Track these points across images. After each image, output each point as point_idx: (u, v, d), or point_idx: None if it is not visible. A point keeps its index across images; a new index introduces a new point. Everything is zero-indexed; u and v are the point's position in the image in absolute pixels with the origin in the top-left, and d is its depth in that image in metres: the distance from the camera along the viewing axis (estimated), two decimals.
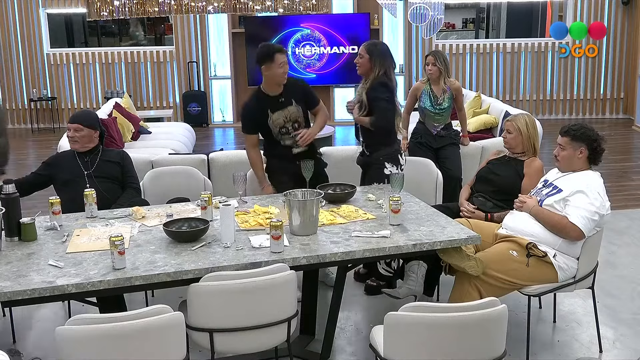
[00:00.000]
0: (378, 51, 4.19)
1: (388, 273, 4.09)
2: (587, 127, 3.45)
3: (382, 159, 4.21)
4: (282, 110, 4.21)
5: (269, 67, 4.21)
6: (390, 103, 4.16)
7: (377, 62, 4.16)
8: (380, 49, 4.23)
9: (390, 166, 4.19)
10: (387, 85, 4.16)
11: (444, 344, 2.44)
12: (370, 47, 4.23)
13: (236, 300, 2.70)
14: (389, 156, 4.22)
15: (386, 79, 4.16)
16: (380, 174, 4.20)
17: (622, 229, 5.41)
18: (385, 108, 4.14)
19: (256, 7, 6.66)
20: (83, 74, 10.95)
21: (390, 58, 4.23)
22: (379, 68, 4.16)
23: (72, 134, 4.03)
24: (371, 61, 4.18)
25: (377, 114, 4.14)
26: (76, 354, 2.33)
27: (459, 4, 14.54)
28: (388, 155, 4.22)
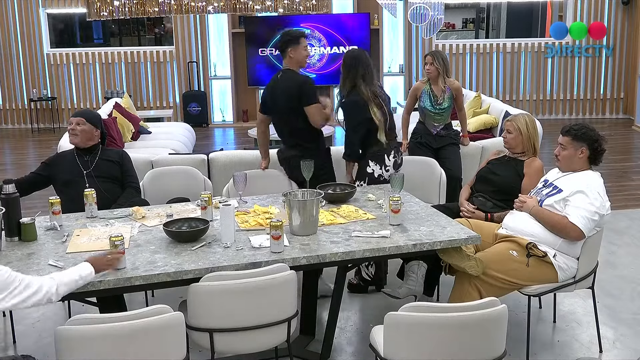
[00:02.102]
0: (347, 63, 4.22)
1: (367, 277, 4.17)
2: (588, 127, 3.45)
3: (367, 157, 4.25)
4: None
5: (295, 49, 4.25)
6: (349, 125, 4.22)
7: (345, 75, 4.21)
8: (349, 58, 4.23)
9: (374, 164, 4.23)
10: (349, 108, 4.19)
11: (444, 344, 2.44)
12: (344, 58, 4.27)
13: (236, 300, 2.70)
14: (373, 155, 4.24)
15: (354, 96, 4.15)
16: (362, 171, 4.27)
17: (622, 229, 5.41)
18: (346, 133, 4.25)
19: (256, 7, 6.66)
20: (83, 74, 10.96)
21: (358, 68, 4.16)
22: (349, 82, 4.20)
23: (74, 126, 4.03)
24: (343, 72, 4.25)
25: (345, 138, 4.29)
26: (76, 354, 2.33)
27: (459, 4, 14.54)
28: (372, 154, 4.24)
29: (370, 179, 4.23)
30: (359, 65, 4.19)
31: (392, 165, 4.27)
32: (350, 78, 4.19)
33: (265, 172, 4.51)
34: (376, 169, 4.23)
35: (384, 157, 4.24)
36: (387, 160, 4.25)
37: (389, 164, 4.26)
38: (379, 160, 4.24)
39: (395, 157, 4.31)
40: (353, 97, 4.18)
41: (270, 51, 10.62)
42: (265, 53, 10.63)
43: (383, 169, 4.24)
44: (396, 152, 4.33)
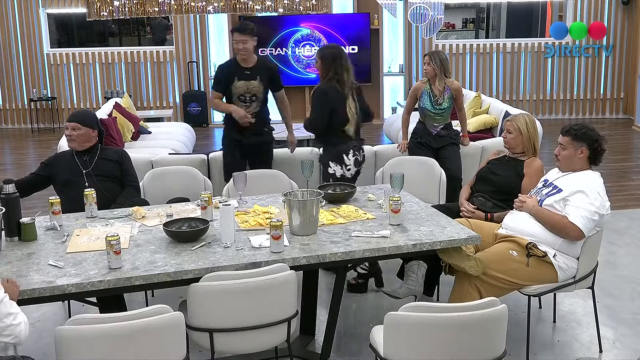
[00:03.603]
0: (327, 56, 4.44)
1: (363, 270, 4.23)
2: (588, 127, 3.46)
3: (327, 159, 4.51)
4: (245, 82, 4.79)
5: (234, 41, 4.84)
6: (316, 111, 4.44)
7: (326, 67, 4.42)
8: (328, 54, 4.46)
9: (334, 165, 4.43)
10: (323, 92, 4.40)
11: (444, 344, 2.44)
12: (320, 53, 4.51)
13: (236, 300, 2.70)
14: (333, 155, 4.47)
15: (333, 83, 4.38)
16: (324, 172, 4.55)
17: (622, 229, 5.41)
18: (311, 115, 4.50)
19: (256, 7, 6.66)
20: (83, 74, 10.95)
21: (340, 62, 4.40)
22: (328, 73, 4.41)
23: (70, 132, 4.03)
24: (321, 65, 4.46)
25: (306, 118, 4.63)
26: (76, 354, 2.33)
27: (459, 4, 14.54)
28: (332, 155, 4.47)
29: (334, 179, 4.42)
30: (344, 57, 4.43)
31: (352, 163, 4.46)
32: (334, 68, 4.39)
33: (265, 172, 4.53)
34: (337, 170, 4.45)
35: (342, 156, 4.43)
36: (347, 159, 4.43)
37: (349, 163, 4.44)
38: (339, 161, 4.43)
39: (355, 155, 4.48)
40: (331, 85, 4.39)
41: (271, 51, 10.62)
42: (265, 53, 10.62)
43: (344, 169, 4.43)
44: (356, 150, 4.50)
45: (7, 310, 2.37)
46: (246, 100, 4.81)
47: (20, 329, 2.39)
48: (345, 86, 4.39)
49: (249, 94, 4.80)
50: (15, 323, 2.38)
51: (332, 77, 4.40)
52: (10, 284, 2.54)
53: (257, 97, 4.82)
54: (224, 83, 4.85)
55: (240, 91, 4.79)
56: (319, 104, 4.44)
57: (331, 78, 4.40)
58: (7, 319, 2.36)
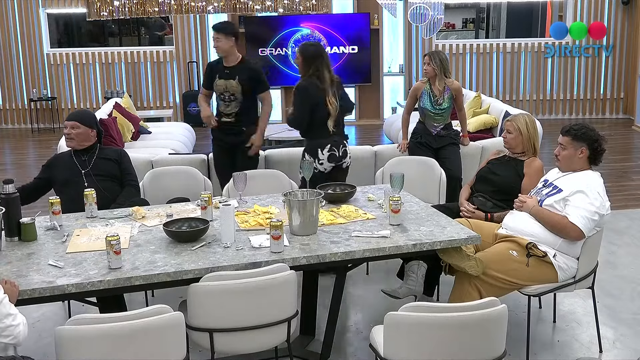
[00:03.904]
0: (308, 54, 4.54)
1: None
2: (588, 127, 3.46)
3: (304, 151, 4.63)
4: (224, 81, 4.85)
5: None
6: (298, 107, 4.53)
7: (307, 64, 4.52)
8: (310, 51, 4.56)
9: (308, 157, 4.52)
10: (304, 88, 4.49)
11: (444, 344, 2.44)
12: (301, 48, 4.61)
13: (236, 300, 2.70)
14: (308, 148, 4.60)
15: (314, 80, 4.49)
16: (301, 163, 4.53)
17: (622, 229, 5.41)
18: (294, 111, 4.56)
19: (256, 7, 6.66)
20: (83, 74, 10.95)
21: (321, 60, 4.52)
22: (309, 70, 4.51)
23: (69, 131, 4.03)
24: (303, 62, 4.54)
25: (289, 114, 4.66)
26: (76, 354, 2.33)
27: (459, 4, 14.54)
28: (308, 147, 4.60)
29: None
30: (324, 55, 4.57)
31: (326, 158, 4.53)
32: (315, 65, 4.49)
33: (265, 172, 4.53)
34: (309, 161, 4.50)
35: (317, 150, 4.52)
36: (321, 153, 4.52)
37: (322, 157, 4.52)
38: (313, 154, 4.52)
39: (331, 150, 4.54)
40: (312, 81, 4.49)
41: (270, 51, 10.62)
42: (265, 53, 10.63)
43: (317, 163, 4.50)
44: (334, 145, 4.55)
45: (7, 311, 2.37)
46: (225, 99, 4.88)
47: (19, 330, 2.39)
48: (325, 82, 4.50)
49: (227, 93, 4.86)
50: (15, 324, 2.38)
51: (313, 73, 4.50)
52: (10, 285, 2.54)
53: (235, 97, 4.84)
54: (209, 80, 4.98)
55: (220, 89, 4.90)
56: (300, 100, 4.53)
57: (312, 74, 4.51)
58: (6, 319, 2.36)
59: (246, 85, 4.83)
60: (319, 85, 4.50)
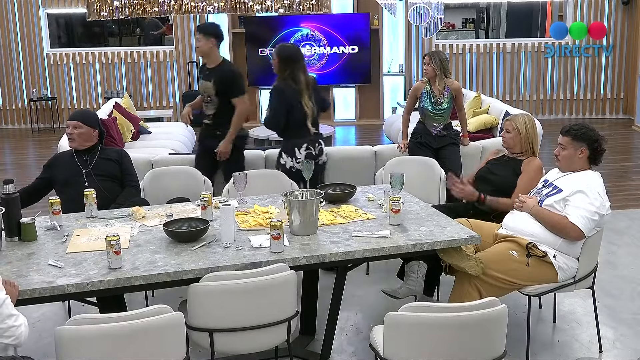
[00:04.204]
0: (284, 55, 4.62)
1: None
2: (588, 127, 3.46)
3: (281, 150, 4.73)
4: (204, 82, 4.93)
5: None
6: (273, 107, 4.59)
7: (282, 66, 4.58)
8: (287, 53, 4.65)
9: (286, 156, 4.63)
10: (280, 91, 4.56)
11: (444, 344, 2.44)
12: (278, 50, 4.68)
13: (236, 300, 2.70)
14: (286, 147, 4.67)
15: (290, 82, 4.56)
16: (276, 162, 4.73)
17: (622, 229, 5.41)
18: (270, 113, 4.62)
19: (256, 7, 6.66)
20: (83, 74, 10.95)
21: (297, 62, 4.59)
22: (285, 71, 4.57)
23: (71, 130, 4.03)
24: (279, 63, 4.60)
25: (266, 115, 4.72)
26: (76, 354, 2.33)
27: (459, 4, 14.53)
28: (285, 147, 4.68)
29: (283, 170, 4.58)
30: (299, 56, 4.66)
31: (303, 157, 4.61)
32: (291, 67, 4.56)
33: (265, 172, 4.53)
34: (287, 161, 4.64)
35: (294, 149, 4.62)
36: (298, 152, 4.62)
37: (299, 156, 4.61)
38: (290, 153, 4.63)
39: (308, 149, 4.64)
40: (287, 83, 4.56)
41: (270, 51, 10.61)
42: (265, 53, 10.63)
43: (294, 161, 4.60)
44: (311, 144, 4.65)
45: (9, 311, 2.37)
46: (205, 100, 4.93)
47: (21, 331, 2.39)
48: (301, 83, 4.57)
49: (206, 94, 4.91)
50: (17, 324, 2.38)
51: (288, 75, 4.56)
52: (10, 285, 2.54)
53: (211, 99, 4.87)
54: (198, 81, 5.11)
55: (201, 90, 4.99)
56: (276, 101, 4.58)
57: (287, 76, 4.56)
58: (9, 320, 2.36)
59: (220, 88, 4.80)
60: (294, 86, 4.56)
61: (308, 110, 4.61)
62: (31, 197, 4.00)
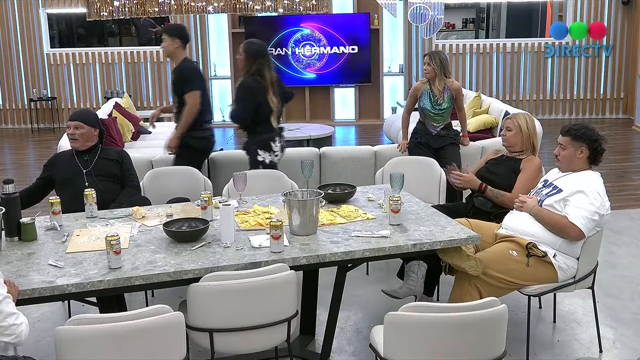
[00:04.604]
0: (250, 51, 4.71)
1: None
2: (588, 127, 3.46)
3: (255, 147, 4.72)
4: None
5: None
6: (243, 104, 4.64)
7: (249, 62, 4.67)
8: (254, 49, 4.73)
9: (263, 152, 4.68)
10: (249, 87, 4.62)
11: (444, 344, 2.44)
12: (246, 46, 4.77)
13: (236, 300, 2.70)
14: (260, 144, 4.71)
15: (257, 78, 4.64)
16: (253, 160, 4.75)
17: (622, 229, 5.41)
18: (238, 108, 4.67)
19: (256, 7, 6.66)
20: (83, 74, 10.96)
21: (263, 58, 4.69)
22: (251, 67, 4.66)
23: (72, 131, 4.03)
24: (246, 59, 4.69)
25: (232, 110, 4.74)
26: (76, 354, 2.33)
27: (459, 4, 14.54)
28: (259, 143, 4.71)
29: (263, 166, 4.68)
30: (265, 52, 4.75)
31: (279, 149, 4.76)
32: (258, 63, 4.64)
33: (265, 172, 4.53)
34: (266, 157, 4.70)
35: (269, 144, 4.70)
36: (274, 146, 4.72)
37: (276, 149, 4.74)
38: (267, 148, 4.69)
39: (280, 142, 4.79)
40: (256, 79, 4.63)
41: (270, 51, 10.61)
42: None
43: (272, 155, 4.71)
44: (279, 137, 4.78)
45: (10, 310, 2.38)
46: (173, 100, 4.98)
47: (21, 329, 2.40)
48: (266, 80, 4.66)
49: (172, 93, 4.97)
50: (18, 323, 2.39)
51: (255, 71, 4.64)
52: (10, 286, 2.54)
53: (174, 98, 4.93)
54: None
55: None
56: (245, 97, 4.64)
57: (254, 72, 4.64)
58: (10, 318, 2.36)
59: (176, 86, 4.86)
60: (261, 82, 4.64)
61: (273, 106, 4.70)
62: (31, 197, 4.00)
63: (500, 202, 3.83)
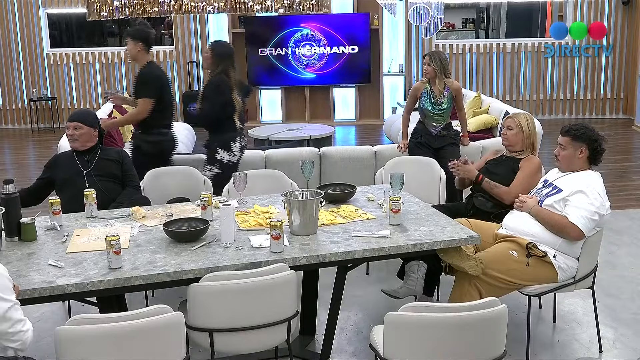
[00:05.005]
0: (218, 52, 4.80)
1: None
2: (587, 127, 3.46)
3: (215, 145, 4.80)
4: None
5: None
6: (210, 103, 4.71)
7: (216, 61, 4.75)
8: (221, 50, 4.84)
9: (222, 151, 4.77)
10: (217, 86, 4.71)
11: (444, 344, 2.44)
12: (213, 46, 4.89)
13: (236, 300, 2.70)
14: (221, 142, 4.79)
15: (224, 77, 4.72)
16: (211, 158, 4.84)
17: (622, 229, 5.41)
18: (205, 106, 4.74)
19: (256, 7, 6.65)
20: (83, 74, 10.96)
21: (229, 59, 4.79)
22: (217, 67, 4.74)
23: (72, 132, 4.03)
24: (213, 58, 4.77)
25: (199, 109, 4.81)
26: (76, 354, 2.33)
27: (459, 4, 14.54)
28: (220, 142, 4.79)
29: (221, 164, 4.76)
30: (231, 54, 4.86)
31: (238, 149, 4.83)
32: (224, 64, 4.73)
33: (265, 172, 4.54)
34: (225, 156, 4.78)
35: (230, 143, 4.78)
36: (234, 146, 4.80)
37: (235, 150, 4.81)
38: (226, 147, 4.78)
39: (240, 142, 4.87)
40: (223, 78, 4.72)
41: (270, 51, 10.62)
42: (265, 53, 10.63)
43: (231, 155, 4.79)
44: (240, 137, 4.87)
45: (19, 316, 2.37)
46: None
47: (27, 336, 2.40)
48: (232, 80, 4.75)
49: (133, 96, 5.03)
50: (25, 329, 2.38)
51: (221, 71, 4.73)
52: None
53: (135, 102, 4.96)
54: None
55: None
56: (213, 96, 4.71)
57: (220, 72, 4.73)
58: (18, 324, 2.36)
59: (135, 89, 4.96)
60: (227, 82, 4.74)
61: (237, 104, 4.78)
62: (32, 197, 4.00)
63: (495, 194, 3.84)
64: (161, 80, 4.96)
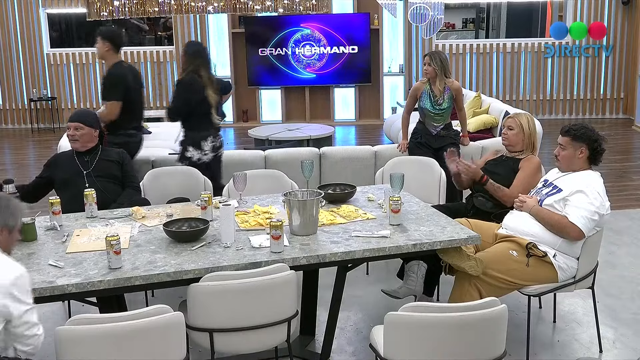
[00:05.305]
0: (190, 51, 4.89)
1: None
2: (587, 127, 3.46)
3: (186, 143, 4.85)
4: None
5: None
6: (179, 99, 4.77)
7: (188, 60, 4.83)
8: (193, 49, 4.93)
9: (193, 149, 4.80)
10: (188, 84, 4.76)
11: (444, 344, 2.44)
12: (186, 46, 5.02)
13: (236, 300, 2.70)
14: (192, 140, 4.81)
15: (194, 76, 4.76)
16: (181, 155, 4.88)
17: (622, 229, 5.41)
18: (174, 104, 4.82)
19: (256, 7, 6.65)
20: (83, 74, 10.96)
21: (201, 58, 4.84)
22: (189, 66, 4.80)
23: (73, 132, 4.03)
24: (185, 57, 4.87)
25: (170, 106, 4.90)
26: (76, 354, 2.33)
27: (459, 4, 14.53)
28: (191, 139, 4.82)
29: (190, 162, 4.75)
30: (204, 54, 4.91)
31: (210, 149, 4.83)
32: (195, 63, 4.79)
33: (265, 172, 4.54)
34: (195, 154, 4.80)
35: (200, 142, 4.79)
36: (205, 144, 4.81)
37: (206, 148, 4.81)
38: (196, 146, 4.79)
39: (213, 142, 4.87)
40: (193, 77, 4.76)
41: (270, 51, 10.62)
42: (265, 53, 10.63)
43: (201, 154, 4.80)
44: (214, 136, 4.88)
45: (35, 320, 2.38)
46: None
47: (40, 340, 2.41)
48: (204, 78, 4.79)
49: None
50: (39, 333, 2.40)
51: (193, 69, 4.78)
52: None
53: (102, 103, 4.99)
54: None
55: None
56: (183, 93, 4.76)
57: (191, 70, 4.78)
58: (34, 328, 2.37)
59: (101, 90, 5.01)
60: (198, 80, 4.77)
61: (212, 100, 4.81)
62: (30, 196, 3.99)
63: (498, 196, 3.84)
64: (127, 82, 4.97)
